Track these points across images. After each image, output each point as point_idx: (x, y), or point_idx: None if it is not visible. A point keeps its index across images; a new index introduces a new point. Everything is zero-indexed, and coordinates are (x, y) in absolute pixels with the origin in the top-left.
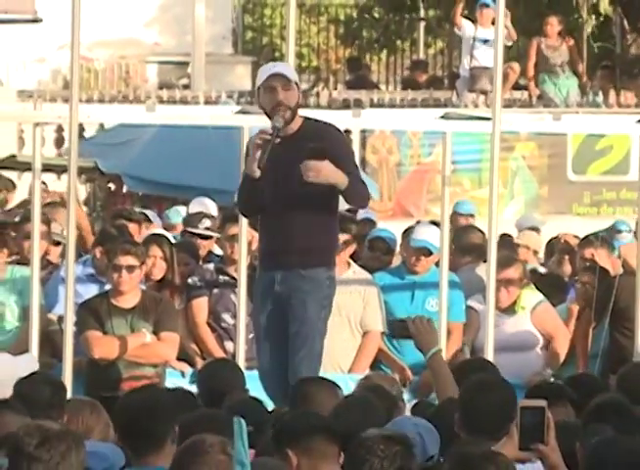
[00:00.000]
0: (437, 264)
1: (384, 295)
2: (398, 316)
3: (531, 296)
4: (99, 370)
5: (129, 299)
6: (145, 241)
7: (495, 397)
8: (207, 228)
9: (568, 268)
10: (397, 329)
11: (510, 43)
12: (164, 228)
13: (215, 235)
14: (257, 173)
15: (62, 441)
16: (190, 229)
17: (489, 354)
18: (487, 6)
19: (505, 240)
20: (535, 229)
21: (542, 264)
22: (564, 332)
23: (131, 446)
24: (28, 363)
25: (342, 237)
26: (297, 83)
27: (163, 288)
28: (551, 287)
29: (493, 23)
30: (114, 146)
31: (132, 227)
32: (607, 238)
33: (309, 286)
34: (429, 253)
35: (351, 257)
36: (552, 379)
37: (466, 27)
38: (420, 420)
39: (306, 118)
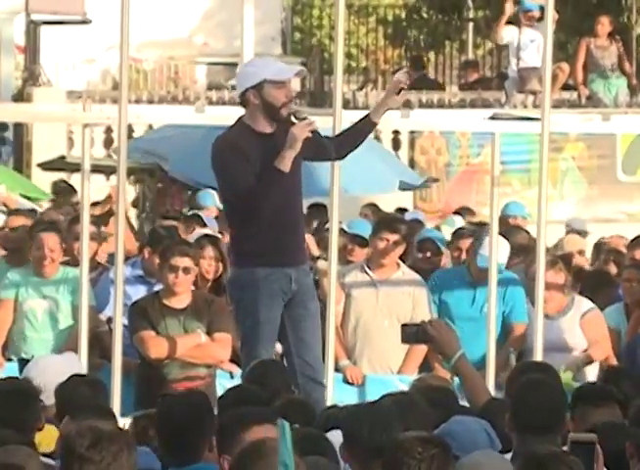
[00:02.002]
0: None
1: (444, 295)
2: (458, 317)
3: (583, 302)
4: (152, 371)
5: (181, 299)
6: (199, 241)
7: (546, 395)
8: None
9: (613, 269)
10: (410, 334)
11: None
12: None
13: None
14: (288, 168)
15: (113, 442)
16: None
17: (538, 356)
18: (531, 11)
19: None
20: (582, 233)
21: (590, 266)
22: (604, 343)
23: (168, 451)
24: (75, 364)
25: (392, 237)
26: None
27: (217, 288)
28: (597, 283)
29: (539, 21)
30: (160, 141)
31: (180, 228)
32: None
33: (310, 279)
34: None
35: (400, 257)
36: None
37: (508, 33)
38: (477, 419)
39: None
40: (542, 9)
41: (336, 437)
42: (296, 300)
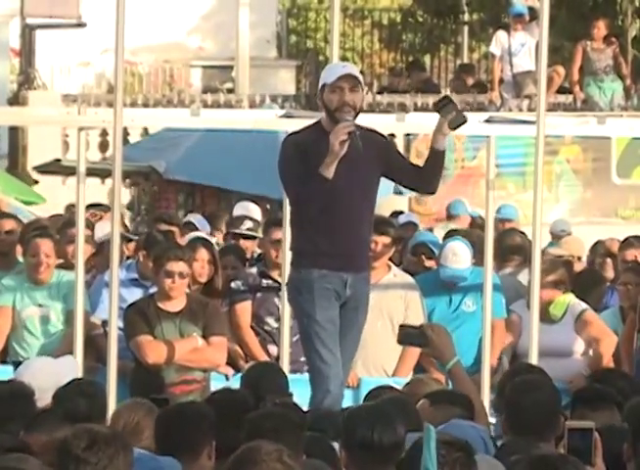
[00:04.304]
0: (476, 264)
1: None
2: (436, 318)
3: (576, 304)
4: (147, 374)
5: (176, 303)
6: (191, 243)
7: (540, 395)
8: (249, 229)
9: (610, 273)
10: (408, 335)
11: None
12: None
13: (257, 235)
14: (332, 174)
15: (109, 444)
16: (232, 230)
17: (533, 361)
18: (522, 15)
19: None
20: (568, 233)
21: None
22: (610, 337)
23: (165, 455)
24: (69, 367)
25: (382, 240)
26: (362, 87)
27: (210, 291)
28: (587, 282)
29: (531, 20)
30: (159, 150)
31: (177, 232)
32: None
33: (368, 289)
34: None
35: (391, 259)
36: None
37: (500, 39)
38: (476, 424)
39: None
40: (531, 10)
41: None
42: (349, 305)
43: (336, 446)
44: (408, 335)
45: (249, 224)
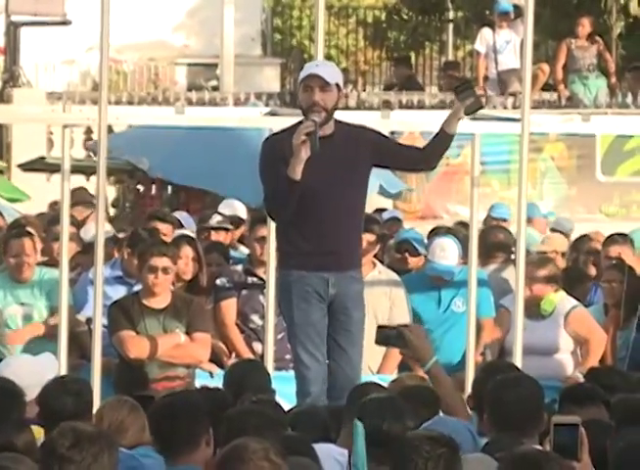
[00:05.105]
0: (466, 263)
1: (411, 298)
2: (427, 320)
3: (565, 301)
4: (130, 370)
5: (160, 299)
6: (176, 241)
7: (522, 391)
8: (219, 222)
9: (593, 270)
10: (386, 336)
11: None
12: None
13: (228, 227)
14: (300, 176)
15: (94, 442)
16: (202, 225)
17: (518, 357)
18: (507, 13)
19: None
20: (566, 235)
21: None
22: (600, 335)
23: (165, 447)
24: (49, 364)
25: (367, 237)
26: (337, 85)
27: (194, 288)
28: (572, 279)
29: (516, 18)
30: (143, 144)
31: (166, 228)
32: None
33: (359, 287)
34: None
35: (375, 256)
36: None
37: (485, 36)
38: (460, 419)
39: (338, 122)
40: (517, 8)
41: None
42: (336, 306)
43: (316, 446)
44: (386, 336)
45: (218, 218)
